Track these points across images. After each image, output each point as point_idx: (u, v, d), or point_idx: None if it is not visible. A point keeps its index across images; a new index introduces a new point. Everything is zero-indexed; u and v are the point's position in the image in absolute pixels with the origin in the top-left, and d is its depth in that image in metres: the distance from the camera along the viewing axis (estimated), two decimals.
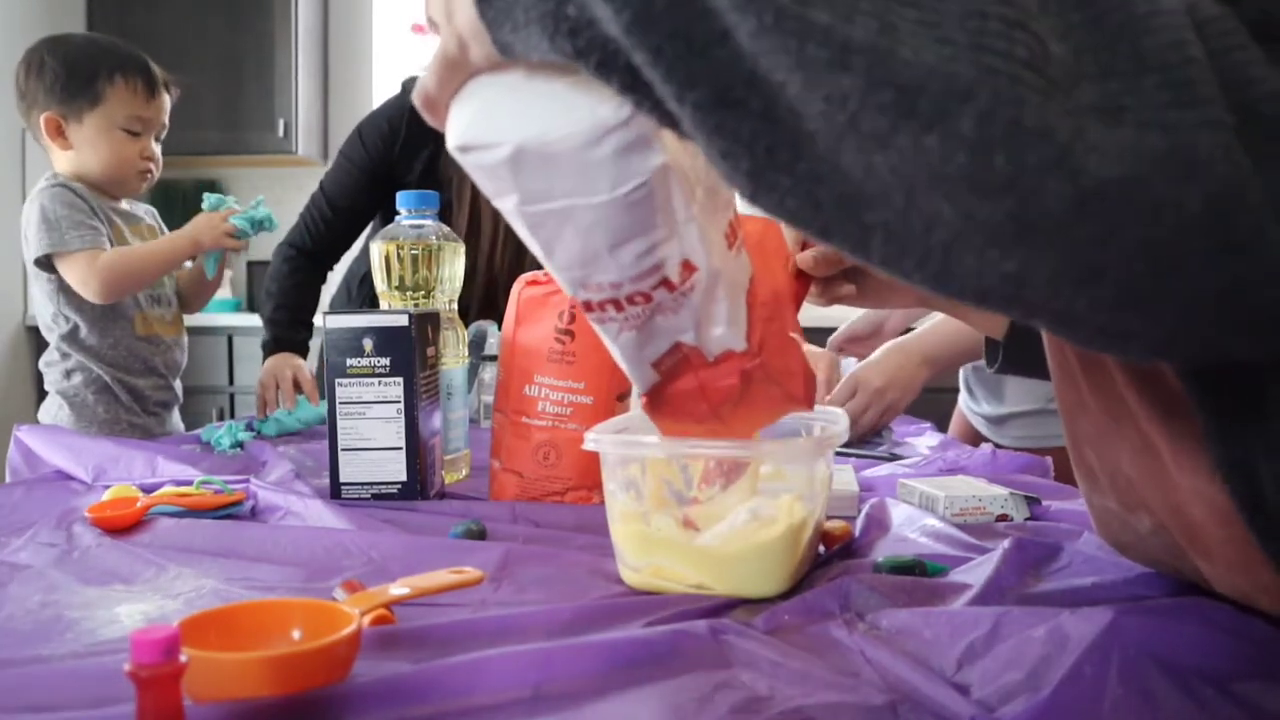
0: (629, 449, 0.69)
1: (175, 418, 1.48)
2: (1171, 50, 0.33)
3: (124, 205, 1.42)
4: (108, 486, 0.93)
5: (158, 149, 1.42)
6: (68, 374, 1.40)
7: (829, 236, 0.37)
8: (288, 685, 0.46)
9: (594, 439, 0.68)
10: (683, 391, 0.58)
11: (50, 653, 0.55)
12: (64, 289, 1.37)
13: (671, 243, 0.49)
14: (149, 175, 1.42)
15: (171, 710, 0.40)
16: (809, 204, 0.36)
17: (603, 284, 0.51)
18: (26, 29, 3.51)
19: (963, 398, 1.76)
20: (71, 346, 1.39)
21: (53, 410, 1.42)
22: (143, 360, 1.40)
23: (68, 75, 1.35)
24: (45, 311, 1.40)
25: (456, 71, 0.48)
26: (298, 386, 1.51)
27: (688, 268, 0.51)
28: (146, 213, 1.49)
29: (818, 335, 3.66)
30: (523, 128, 0.45)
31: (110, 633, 0.58)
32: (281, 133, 3.63)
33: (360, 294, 1.95)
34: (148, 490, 0.93)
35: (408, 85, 1.82)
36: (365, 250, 1.96)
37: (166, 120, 1.42)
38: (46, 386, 1.44)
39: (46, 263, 1.35)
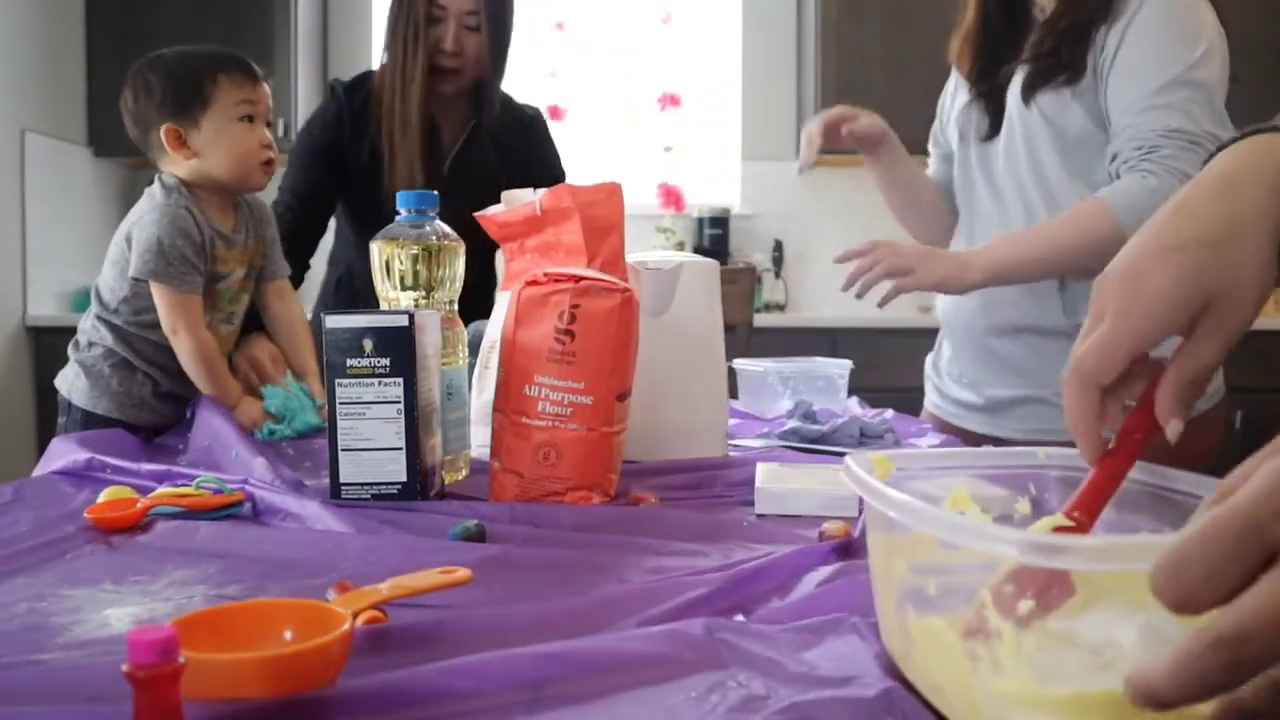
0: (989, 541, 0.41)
1: (185, 409, 1.48)
2: None
3: (225, 229, 1.43)
4: (104, 488, 0.93)
5: (270, 136, 1.46)
6: (89, 345, 1.42)
7: None
8: (280, 685, 0.46)
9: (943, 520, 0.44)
10: None
11: (39, 655, 0.54)
12: (143, 297, 1.38)
13: None
14: (271, 165, 1.45)
15: (170, 711, 0.40)
16: None
17: None
18: (26, 29, 3.51)
19: (933, 394, 1.72)
20: (111, 333, 1.41)
21: (69, 377, 1.44)
22: (167, 362, 1.41)
23: (175, 86, 1.40)
24: (113, 296, 1.40)
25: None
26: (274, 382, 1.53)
27: None
28: (249, 224, 1.48)
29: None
30: None
31: (100, 635, 0.58)
32: (281, 132, 3.63)
33: (336, 300, 2.00)
34: (144, 491, 0.93)
35: (334, 87, 1.91)
36: (334, 258, 2.02)
37: (271, 107, 1.47)
38: (69, 350, 1.45)
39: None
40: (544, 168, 1.97)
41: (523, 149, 1.95)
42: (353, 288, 1.97)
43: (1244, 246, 0.54)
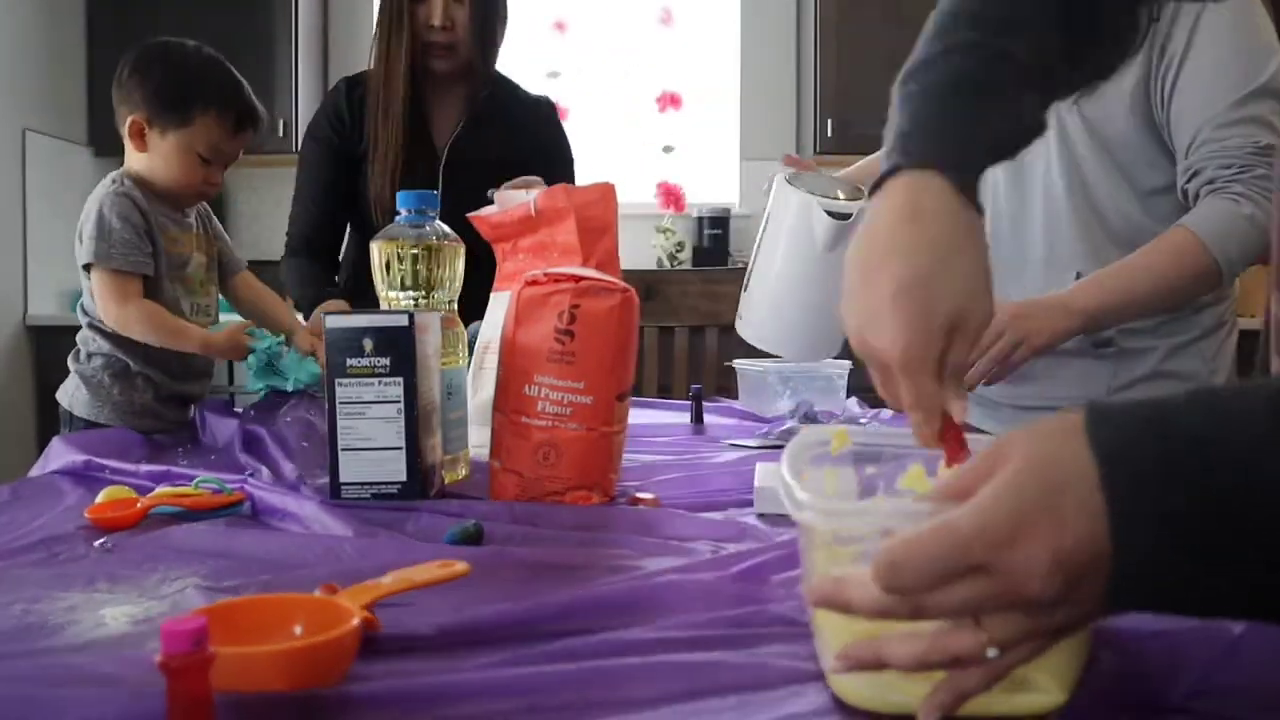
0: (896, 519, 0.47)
1: (192, 411, 1.48)
2: None
3: (173, 213, 1.44)
4: (102, 488, 0.93)
5: (222, 176, 1.47)
6: (89, 356, 1.42)
7: None
8: (295, 679, 0.46)
9: (824, 510, 0.49)
10: None
11: (37, 656, 0.54)
12: None
13: None
14: (208, 196, 1.48)
15: (202, 699, 0.40)
16: None
17: None
18: (26, 29, 3.51)
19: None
20: (107, 340, 1.40)
21: (70, 390, 1.44)
22: (168, 362, 1.41)
23: (168, 88, 1.40)
24: (91, 303, 1.41)
25: None
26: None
27: None
28: (199, 216, 1.50)
29: None
30: None
31: (97, 635, 0.58)
32: (281, 133, 3.63)
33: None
34: (143, 491, 0.93)
35: (338, 83, 1.90)
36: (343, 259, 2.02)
37: (241, 154, 1.48)
38: (69, 362, 1.46)
39: (89, 269, 1.38)
40: (554, 149, 1.94)
41: (531, 127, 1.91)
42: (359, 289, 1.96)
43: (987, 286, 0.66)
